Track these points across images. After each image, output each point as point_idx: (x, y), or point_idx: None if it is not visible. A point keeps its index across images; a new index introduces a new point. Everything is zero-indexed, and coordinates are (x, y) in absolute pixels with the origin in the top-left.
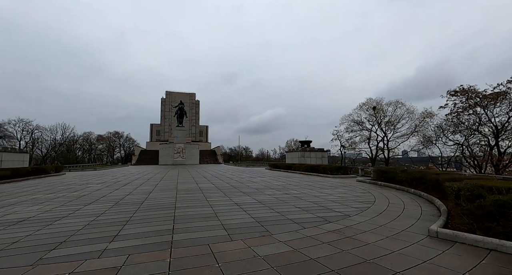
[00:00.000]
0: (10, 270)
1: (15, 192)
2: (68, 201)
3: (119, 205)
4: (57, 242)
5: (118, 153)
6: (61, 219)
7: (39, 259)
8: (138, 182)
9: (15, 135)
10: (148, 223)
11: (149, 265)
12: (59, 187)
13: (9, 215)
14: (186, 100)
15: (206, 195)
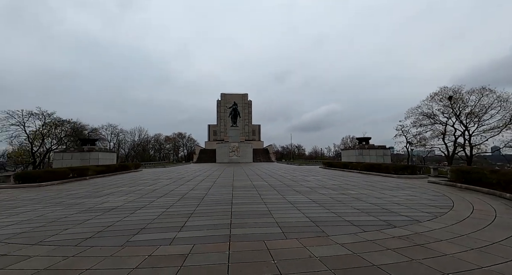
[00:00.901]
0: (107, 248)
1: (108, 184)
2: (145, 194)
3: (184, 199)
4: (139, 228)
5: (182, 152)
6: (141, 209)
7: (127, 241)
8: (199, 179)
9: (106, 138)
10: (209, 217)
11: (211, 256)
12: (138, 181)
13: (105, 203)
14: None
15: (260, 192)
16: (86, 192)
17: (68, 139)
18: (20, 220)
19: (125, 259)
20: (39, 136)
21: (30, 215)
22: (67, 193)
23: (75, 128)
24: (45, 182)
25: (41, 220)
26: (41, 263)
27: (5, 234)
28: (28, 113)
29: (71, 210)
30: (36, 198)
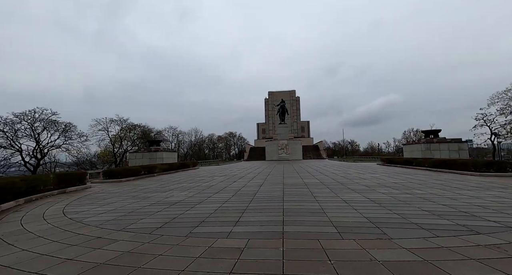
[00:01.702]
0: (174, 237)
1: (171, 181)
2: (202, 190)
3: (237, 195)
4: (199, 221)
5: (233, 150)
6: (200, 204)
7: (190, 232)
8: (250, 176)
9: (168, 139)
10: (261, 213)
11: (266, 251)
12: (196, 178)
13: (170, 198)
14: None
15: (312, 190)
16: (155, 187)
17: (139, 140)
18: (108, 210)
19: (189, 248)
20: (118, 139)
21: (115, 205)
22: (140, 187)
23: (144, 131)
24: (124, 178)
25: (123, 210)
26: (126, 247)
27: (99, 221)
28: (110, 120)
29: (144, 202)
30: (118, 191)
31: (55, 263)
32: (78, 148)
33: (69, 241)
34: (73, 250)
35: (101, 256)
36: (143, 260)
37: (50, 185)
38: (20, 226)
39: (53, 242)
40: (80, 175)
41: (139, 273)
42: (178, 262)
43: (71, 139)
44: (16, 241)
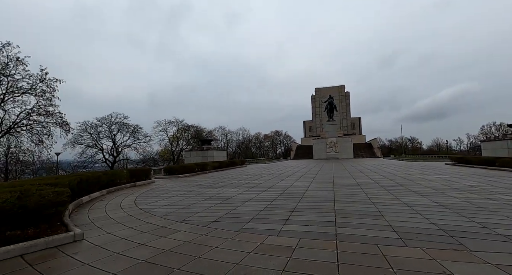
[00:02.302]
0: (227, 231)
1: (222, 178)
2: (251, 187)
3: (285, 194)
4: (249, 218)
5: (279, 149)
6: (249, 200)
7: (241, 228)
8: (298, 175)
9: (218, 138)
10: (311, 213)
11: (319, 252)
12: (244, 176)
13: (222, 194)
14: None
15: (366, 191)
16: (207, 184)
17: (193, 140)
18: (170, 202)
19: (241, 243)
20: (175, 139)
21: (175, 199)
22: (195, 183)
23: (197, 131)
24: (181, 174)
25: (182, 204)
26: (186, 237)
27: (163, 212)
28: (168, 122)
29: (199, 197)
30: (176, 186)
31: (132, 246)
32: (143, 147)
33: (140, 228)
34: (144, 236)
35: (166, 244)
36: (201, 250)
37: (124, 179)
38: (105, 213)
39: (129, 228)
40: (146, 171)
41: (198, 262)
42: (232, 255)
43: (138, 139)
44: (102, 225)
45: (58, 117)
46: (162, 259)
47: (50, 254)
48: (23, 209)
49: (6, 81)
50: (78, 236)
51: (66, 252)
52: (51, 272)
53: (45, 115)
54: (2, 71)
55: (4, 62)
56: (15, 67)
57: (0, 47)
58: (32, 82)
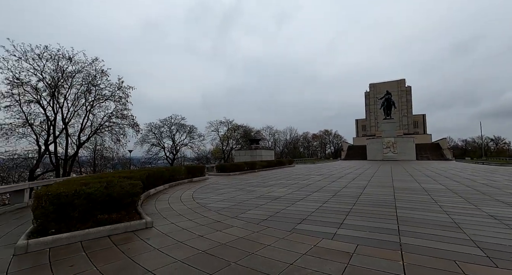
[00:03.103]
0: (279, 230)
1: (270, 177)
2: (300, 187)
3: (338, 196)
4: (301, 218)
5: (328, 149)
6: (299, 201)
7: (293, 228)
8: (350, 176)
9: (266, 137)
10: (369, 218)
11: (380, 261)
12: (292, 176)
13: (271, 193)
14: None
15: (435, 198)
16: (257, 182)
17: (242, 139)
18: (223, 198)
19: (294, 243)
20: (225, 139)
21: (227, 195)
22: (245, 181)
23: (246, 131)
24: (232, 172)
25: (234, 200)
26: (239, 233)
27: (217, 207)
28: (219, 122)
29: (250, 195)
30: (228, 183)
31: (192, 237)
32: (198, 146)
33: (199, 221)
34: (202, 229)
35: (222, 238)
36: (255, 247)
37: (182, 175)
38: (168, 205)
39: (189, 220)
40: (201, 168)
41: (253, 258)
42: (286, 255)
43: (193, 138)
44: (167, 215)
45: (131, 120)
46: (219, 251)
47: (129, 237)
48: (108, 197)
49: (94, 90)
50: (149, 224)
51: (141, 237)
52: (130, 252)
53: (121, 118)
54: (92, 82)
55: (93, 74)
56: (100, 78)
57: (91, 62)
58: (112, 90)
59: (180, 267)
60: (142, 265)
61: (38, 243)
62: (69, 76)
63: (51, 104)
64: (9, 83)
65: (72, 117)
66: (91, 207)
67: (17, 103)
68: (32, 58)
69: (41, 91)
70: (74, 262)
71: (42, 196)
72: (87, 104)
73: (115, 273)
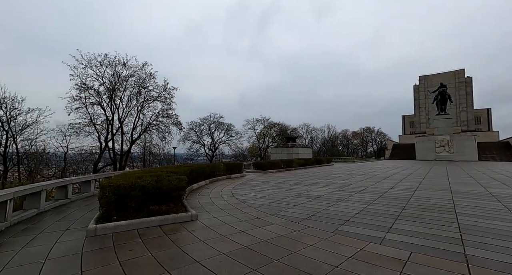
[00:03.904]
0: (321, 231)
1: (308, 175)
2: (341, 187)
3: (384, 198)
4: (344, 220)
5: (370, 147)
6: (341, 201)
7: (336, 229)
8: (397, 177)
9: (302, 135)
10: (423, 223)
11: (442, 274)
12: (332, 175)
13: (310, 192)
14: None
15: (508, 205)
16: (294, 180)
17: (278, 137)
18: (261, 196)
19: (338, 245)
20: (262, 136)
21: (265, 193)
22: (282, 179)
23: (282, 129)
24: (269, 170)
25: (272, 198)
26: (280, 230)
27: (257, 204)
28: (256, 120)
29: (288, 193)
30: (265, 181)
31: (234, 232)
32: (235, 143)
33: (239, 217)
34: (243, 224)
35: (263, 234)
36: (297, 246)
37: (221, 171)
38: (210, 200)
39: (230, 215)
40: (239, 165)
41: (295, 257)
42: (330, 257)
43: (231, 136)
44: (210, 210)
45: (175, 118)
46: (261, 248)
47: (176, 228)
48: (158, 190)
49: (144, 92)
50: (194, 217)
51: (187, 229)
52: (179, 242)
53: (166, 117)
54: (143, 84)
55: (143, 77)
56: (149, 81)
57: (141, 66)
58: (159, 92)
59: (224, 260)
60: (190, 255)
61: (103, 228)
62: (123, 80)
63: (109, 105)
64: (78, 88)
65: (126, 117)
66: (144, 198)
67: (84, 106)
68: (95, 65)
69: (102, 94)
70: (133, 247)
71: (106, 187)
72: (138, 105)
73: (167, 260)
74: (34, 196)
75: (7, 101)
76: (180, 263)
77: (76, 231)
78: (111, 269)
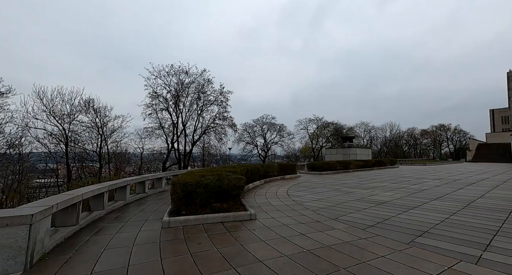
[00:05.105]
0: (393, 241)
1: (369, 178)
2: (411, 193)
3: (472, 208)
4: (421, 231)
5: (445, 148)
6: (414, 209)
7: (412, 241)
8: (488, 183)
9: (360, 135)
10: None
11: None
12: (398, 179)
13: (373, 196)
14: None
15: None
16: (354, 183)
17: (332, 137)
18: (319, 198)
19: (416, 260)
20: (315, 137)
21: (322, 195)
22: (340, 181)
23: (336, 128)
24: (324, 171)
25: (331, 201)
26: (343, 236)
27: (314, 206)
28: (308, 120)
29: (347, 197)
30: (321, 183)
31: (294, 234)
32: (287, 144)
33: (298, 219)
34: (303, 227)
35: (325, 239)
36: (365, 255)
37: (275, 172)
38: (266, 200)
39: (288, 217)
40: (292, 166)
41: (365, 268)
42: (408, 272)
43: (283, 136)
44: (267, 210)
45: (230, 120)
46: (324, 253)
47: (237, 225)
48: (219, 188)
49: (203, 97)
50: (253, 216)
51: (247, 227)
52: (241, 240)
53: (222, 119)
54: (202, 90)
55: (202, 83)
56: (207, 86)
57: (200, 73)
58: (215, 96)
59: (287, 263)
60: (253, 254)
61: (175, 221)
62: (186, 87)
63: (175, 110)
64: (150, 96)
65: (188, 121)
66: (208, 196)
67: (155, 111)
68: (163, 75)
69: (168, 100)
70: (201, 241)
71: (176, 183)
72: (198, 109)
73: (231, 256)
74: (122, 190)
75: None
76: (244, 261)
77: (154, 222)
78: (184, 260)
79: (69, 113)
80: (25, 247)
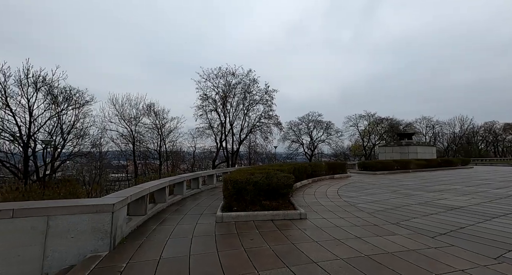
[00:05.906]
0: (471, 253)
1: (434, 180)
2: (494, 198)
3: None
4: (510, 244)
5: None
6: (499, 217)
7: (500, 256)
8: None
9: (421, 131)
10: None
11: None
12: (474, 181)
13: (442, 200)
14: None
15: None
16: (415, 185)
17: (386, 134)
18: (374, 200)
19: None
20: (366, 134)
21: (378, 197)
22: (398, 183)
23: (392, 125)
24: (378, 171)
25: (388, 204)
26: (407, 244)
27: (370, 208)
28: (359, 116)
29: (409, 200)
30: (375, 183)
31: (349, 237)
32: (335, 142)
33: (351, 221)
34: (358, 230)
35: (386, 245)
36: (438, 267)
37: (323, 170)
38: (315, 199)
39: (340, 218)
40: (342, 165)
41: None
42: None
43: (330, 134)
44: (317, 210)
45: (275, 119)
46: (386, 260)
47: (287, 224)
48: (268, 186)
49: (248, 97)
50: (303, 215)
51: (298, 226)
52: (293, 239)
53: (267, 118)
54: (248, 90)
55: (247, 84)
56: (252, 86)
57: (246, 73)
58: (261, 95)
59: (344, 267)
60: (306, 254)
61: (228, 216)
62: (233, 88)
63: (223, 111)
64: (201, 98)
65: (235, 120)
66: (257, 193)
67: (205, 112)
68: (212, 78)
69: (217, 102)
70: (253, 237)
71: (227, 180)
72: (244, 109)
73: (284, 255)
74: (179, 185)
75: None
76: (297, 261)
77: (209, 216)
78: (239, 254)
79: (135, 116)
80: (109, 231)
